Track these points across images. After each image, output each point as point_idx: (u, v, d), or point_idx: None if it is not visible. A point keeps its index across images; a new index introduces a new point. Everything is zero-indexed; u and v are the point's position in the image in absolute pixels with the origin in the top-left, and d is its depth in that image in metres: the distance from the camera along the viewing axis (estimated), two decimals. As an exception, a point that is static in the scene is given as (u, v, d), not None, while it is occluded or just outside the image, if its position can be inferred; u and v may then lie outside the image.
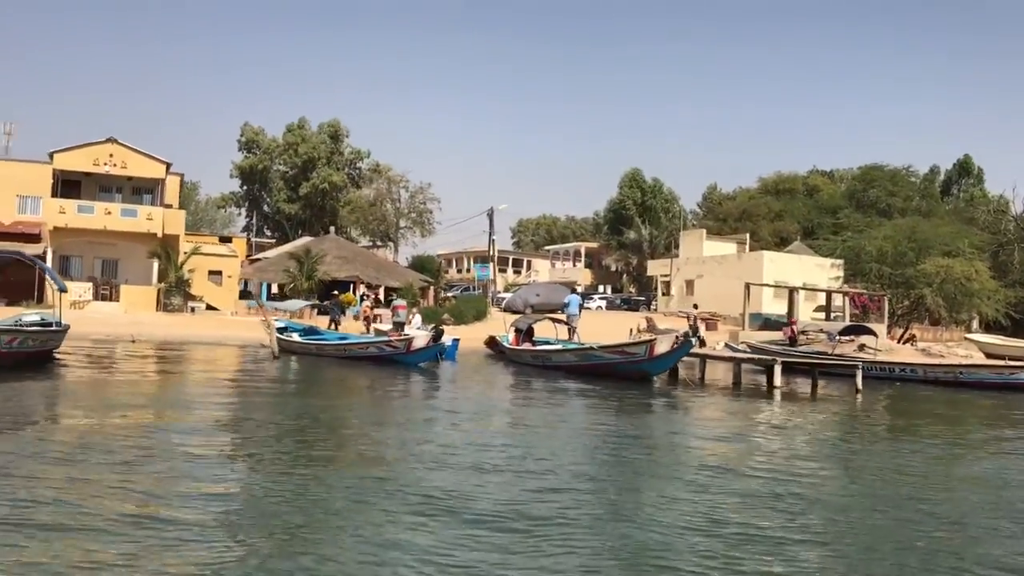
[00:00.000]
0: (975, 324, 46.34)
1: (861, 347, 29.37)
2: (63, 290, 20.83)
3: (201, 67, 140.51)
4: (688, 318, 33.23)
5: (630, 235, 65.12)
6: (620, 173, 70.54)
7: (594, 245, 74.93)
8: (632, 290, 66.64)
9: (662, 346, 18.81)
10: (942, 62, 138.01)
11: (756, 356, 22.18)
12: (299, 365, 21.58)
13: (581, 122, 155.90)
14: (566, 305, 36.53)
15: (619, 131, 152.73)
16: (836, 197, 70.27)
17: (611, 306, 54.66)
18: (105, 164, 38.03)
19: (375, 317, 31.98)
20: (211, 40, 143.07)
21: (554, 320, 26.10)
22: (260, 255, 52.55)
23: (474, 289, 55.83)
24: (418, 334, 22.37)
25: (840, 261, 46.30)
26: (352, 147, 71.97)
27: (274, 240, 65.36)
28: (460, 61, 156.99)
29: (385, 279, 44.43)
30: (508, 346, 25.30)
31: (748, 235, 57.67)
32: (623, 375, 19.37)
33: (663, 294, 54.29)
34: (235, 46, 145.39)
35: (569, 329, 27.98)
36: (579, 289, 60.08)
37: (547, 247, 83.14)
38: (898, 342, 38.62)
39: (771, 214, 66.81)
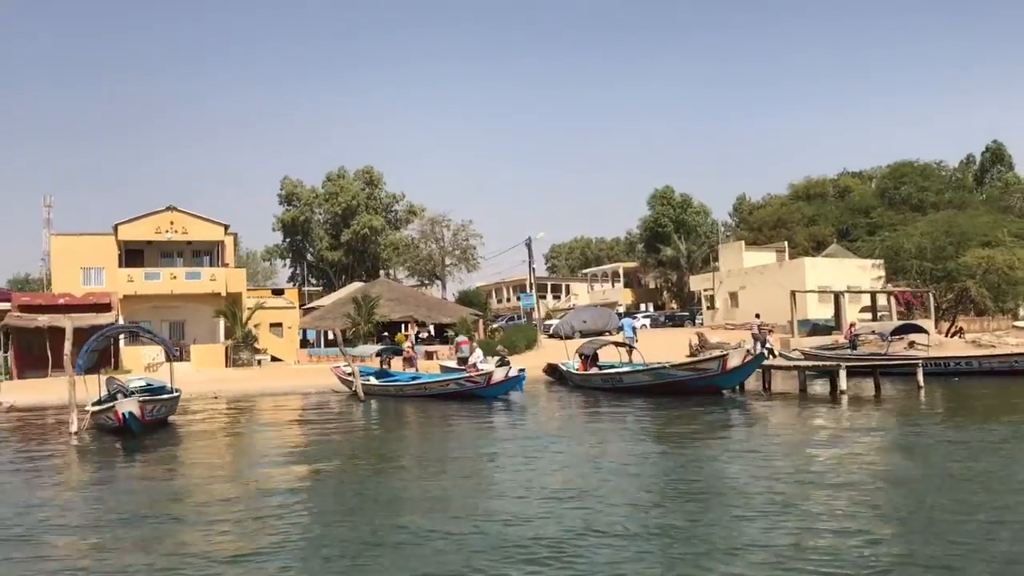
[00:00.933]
0: (1022, 312, 47.04)
1: (911, 344, 30.46)
2: (175, 358, 22.22)
3: (225, 124, 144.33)
4: (753, 328, 34.36)
5: (667, 252, 66.35)
6: (646, 191, 72.04)
7: (631, 264, 76.18)
8: (674, 306, 67.78)
9: (734, 360, 20.15)
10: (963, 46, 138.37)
11: (820, 363, 23.29)
12: (386, 406, 23.04)
13: (602, 142, 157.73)
14: (620, 329, 37.92)
15: (642, 148, 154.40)
16: (868, 197, 71.14)
17: (655, 324, 55.75)
18: (167, 231, 40.16)
19: (412, 357, 33.50)
20: (233, 99, 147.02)
21: (617, 344, 27.39)
22: (313, 304, 54.43)
23: (519, 318, 57.25)
24: (497, 368, 23.77)
25: (880, 261, 47.24)
26: (387, 191, 74.12)
27: (320, 288, 67.42)
28: (472, 92, 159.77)
29: (437, 316, 46.01)
30: (576, 371, 26.62)
31: (786, 243, 58.72)
32: (696, 391, 20.68)
33: (708, 308, 55.38)
34: (263, 103, 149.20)
35: (628, 351, 29.28)
36: (620, 309, 61.47)
37: (584, 270, 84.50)
38: (947, 336, 39.49)
39: (804, 219, 67.84)
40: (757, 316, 35.90)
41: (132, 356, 36.46)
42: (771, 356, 25.55)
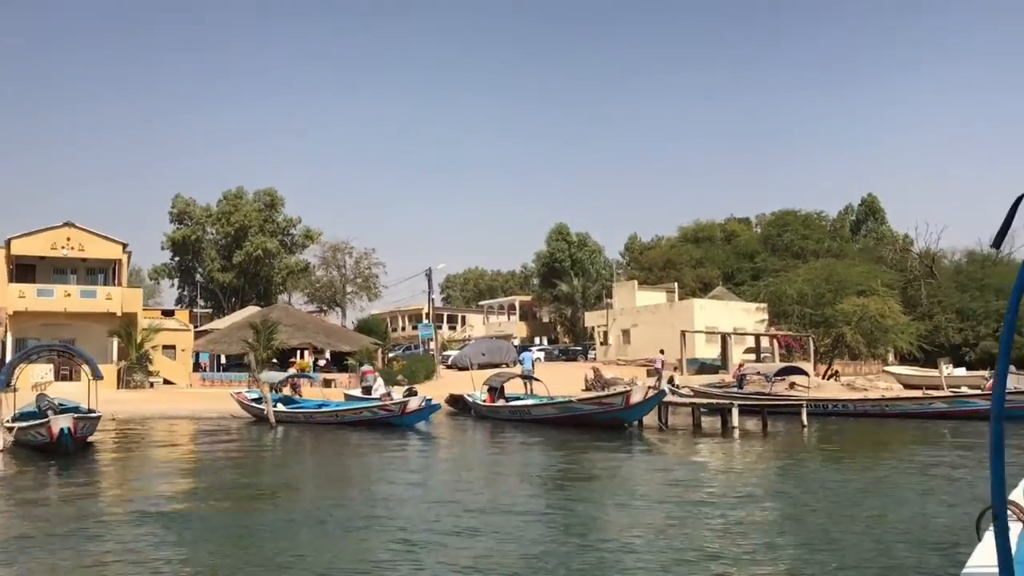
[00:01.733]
0: (891, 357, 50.99)
1: (792, 385, 32.91)
2: (99, 377, 22.04)
3: (116, 133, 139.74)
4: (657, 363, 36.43)
5: (563, 287, 68.34)
6: (540, 225, 74.06)
7: (527, 298, 77.96)
8: (567, 340, 69.74)
9: (637, 396, 21.69)
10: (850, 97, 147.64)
11: (714, 401, 25.14)
12: (300, 433, 23.55)
13: (498, 176, 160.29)
14: (519, 362, 39.33)
15: (537, 184, 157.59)
16: (752, 242, 75.32)
17: (549, 357, 57.35)
18: (63, 248, 39.29)
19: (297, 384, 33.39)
20: (134, 109, 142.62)
21: (523, 377, 28.65)
22: (205, 327, 53.76)
23: (416, 348, 57.99)
24: (411, 398, 24.65)
25: (764, 305, 50.50)
26: (285, 215, 73.83)
27: (210, 310, 66.42)
28: (366, 120, 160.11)
29: (337, 344, 46.34)
30: (483, 403, 27.71)
31: (676, 284, 61.64)
32: (600, 424, 22.10)
33: (601, 343, 57.48)
34: (161, 117, 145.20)
35: (529, 383, 30.58)
36: (515, 342, 62.96)
37: (480, 302, 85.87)
38: (824, 378, 42.51)
39: (693, 261, 71.22)
40: (662, 352, 37.97)
41: (21, 375, 35.41)
42: (675, 390, 27.42)
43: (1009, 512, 3.04)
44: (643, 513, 10.60)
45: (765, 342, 48.30)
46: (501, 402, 27.13)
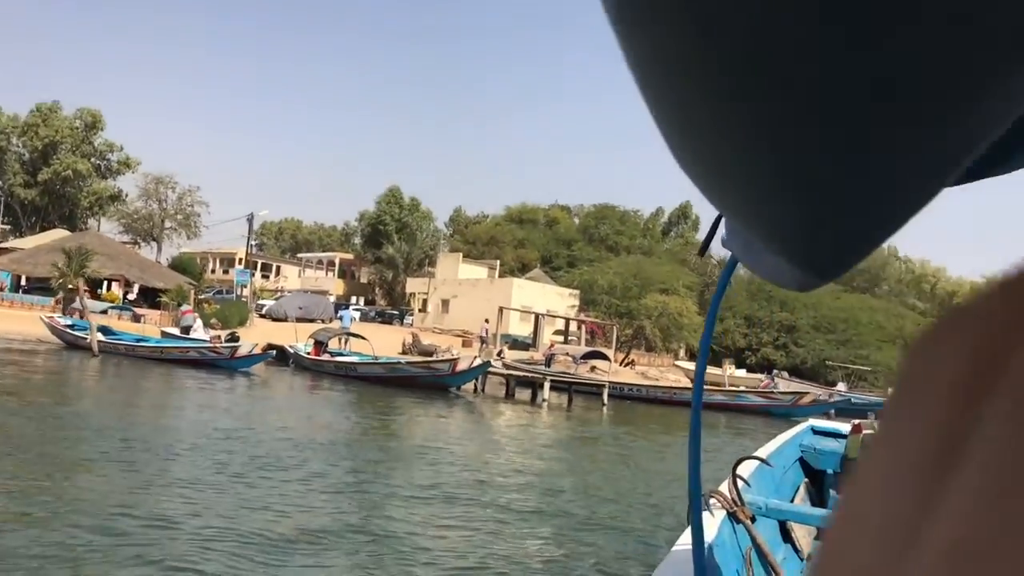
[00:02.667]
0: (682, 352, 55.92)
1: (593, 368, 36.05)
2: None
3: None
4: (483, 332, 38.72)
5: (388, 250, 69.25)
6: (367, 183, 74.35)
7: (349, 256, 78.22)
8: (383, 303, 70.84)
9: (463, 363, 23.64)
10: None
11: (529, 374, 27.49)
12: (132, 367, 23.68)
13: (326, 127, 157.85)
14: (339, 319, 40.44)
15: (376, 139, 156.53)
16: (572, 231, 79.39)
17: (364, 318, 58.28)
18: None
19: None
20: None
21: (351, 334, 29.86)
22: (3, 244, 50.92)
23: (228, 293, 57.25)
24: (244, 343, 25.38)
25: (576, 291, 54.09)
26: (105, 139, 70.30)
27: (7, 227, 62.39)
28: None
29: (150, 279, 45.49)
30: (308, 355, 28.72)
31: (498, 261, 64.31)
32: (425, 386, 23.89)
33: (420, 310, 59.18)
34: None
35: (342, 340, 31.66)
36: (331, 299, 63.42)
37: (299, 254, 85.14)
38: (621, 365, 46.30)
39: (515, 241, 74.25)
40: (487, 322, 40.30)
41: None
42: (500, 360, 29.82)
43: (714, 500, 3.39)
44: (441, 466, 11.69)
45: (573, 326, 51.79)
46: (326, 356, 28.28)
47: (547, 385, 24.88)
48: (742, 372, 48.11)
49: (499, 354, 32.38)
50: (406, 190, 73.80)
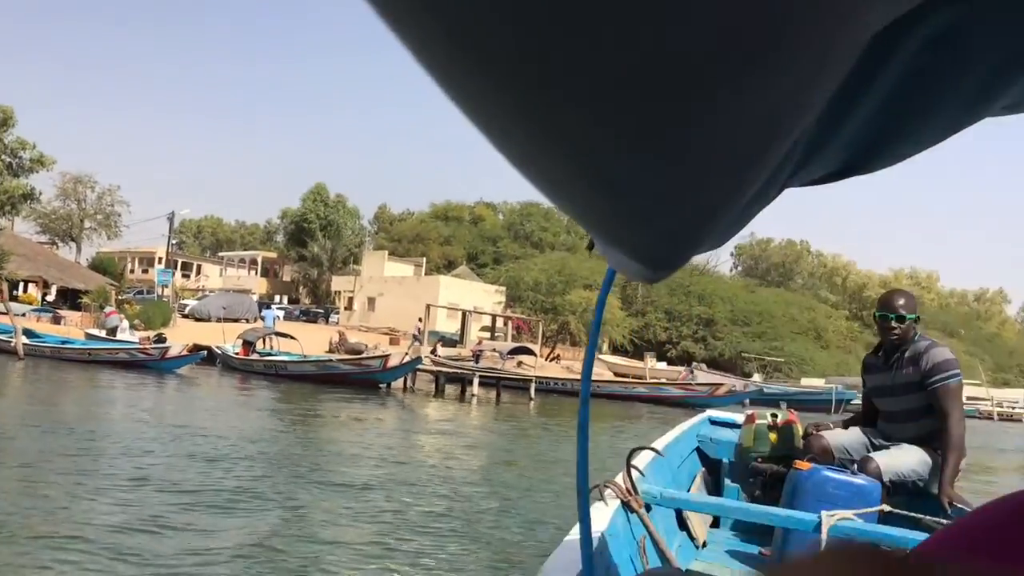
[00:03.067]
0: (606, 347, 57.43)
1: (519, 363, 37.09)
2: None
3: None
4: (415, 331, 39.53)
5: (312, 248, 69.10)
6: (290, 181, 73.92)
7: (272, 255, 77.74)
8: (307, 301, 70.69)
9: (395, 359, 24.33)
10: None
11: (458, 371, 28.31)
12: (53, 371, 23.74)
13: (249, 123, 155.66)
14: (262, 318, 40.66)
15: (297, 136, 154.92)
16: (497, 228, 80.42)
17: (289, 317, 58.16)
18: None
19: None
20: None
21: (280, 335, 30.21)
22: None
23: (149, 293, 56.58)
24: (174, 344, 25.55)
25: (503, 288, 55.11)
26: (18, 137, 68.21)
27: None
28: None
29: (69, 280, 44.84)
30: (236, 355, 28.97)
31: (424, 259, 64.93)
32: (356, 383, 24.51)
33: (345, 308, 59.40)
34: None
35: (268, 339, 31.94)
36: (254, 298, 63.09)
37: (220, 253, 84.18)
38: (547, 360, 47.50)
39: (440, 239, 74.94)
40: (420, 320, 41.10)
41: None
42: (434, 357, 30.71)
43: (609, 490, 3.42)
44: (363, 460, 12.08)
45: (500, 322, 52.80)
46: (255, 356, 28.61)
47: (476, 381, 25.75)
48: (663, 365, 49.81)
49: (433, 351, 33.20)
50: (330, 186, 73.61)
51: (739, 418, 5.67)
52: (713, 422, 6.10)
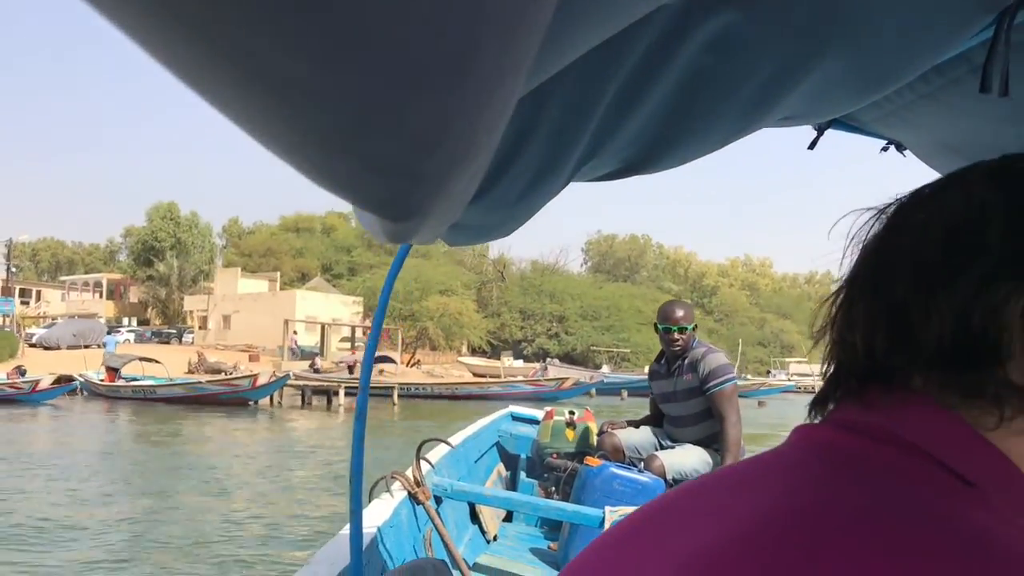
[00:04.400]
0: (465, 349, 60.26)
1: (381, 371, 39.26)
2: None
3: None
4: (292, 344, 41.23)
5: (160, 268, 68.20)
6: (131, 199, 72.39)
7: (117, 276, 76.19)
8: (157, 322, 69.87)
9: (263, 378, 26.16)
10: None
11: (323, 383, 30.31)
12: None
13: (94, 137, 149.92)
14: (104, 345, 41.32)
15: (140, 150, 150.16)
16: (351, 237, 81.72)
17: (140, 339, 57.56)
18: None
19: None
20: None
21: (145, 359, 31.26)
22: None
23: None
24: (44, 376, 26.40)
25: (360, 298, 56.98)
26: None
27: None
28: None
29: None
30: (102, 382, 29.86)
31: (279, 274, 65.76)
32: (226, 402, 26.16)
33: (200, 328, 59.67)
34: None
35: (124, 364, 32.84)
36: (101, 321, 62.08)
37: (62, 277, 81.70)
38: (407, 366, 49.76)
39: (293, 251, 75.67)
40: (295, 333, 42.73)
41: None
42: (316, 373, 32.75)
43: (397, 481, 3.50)
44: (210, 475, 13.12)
45: (360, 332, 54.67)
46: (121, 382, 29.67)
47: (342, 392, 27.90)
48: (520, 363, 53.00)
49: (312, 366, 35.13)
50: (170, 197, 72.39)
51: (539, 414, 5.79)
52: (515, 418, 6.34)
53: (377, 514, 3.17)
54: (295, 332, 43.66)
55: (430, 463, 3.91)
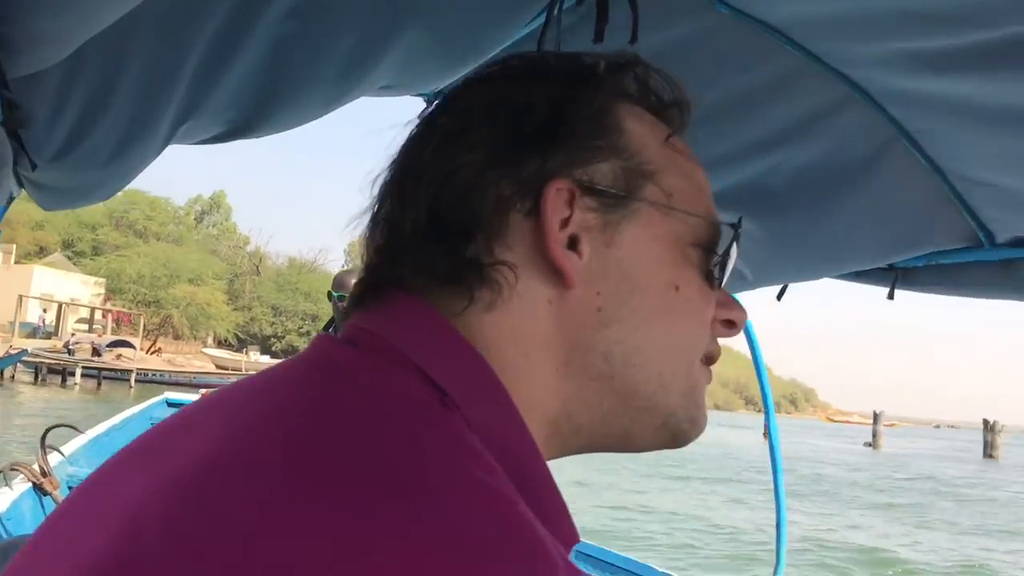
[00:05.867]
0: (210, 340, 60.52)
1: (119, 356, 39.71)
2: None
3: None
4: (40, 321, 40.34)
5: None
6: None
7: None
8: None
9: (-2, 352, 26.67)
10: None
11: (61, 362, 30.87)
12: None
13: None
14: None
15: None
16: (98, 214, 78.78)
17: None
18: None
19: None
20: None
21: None
22: None
23: None
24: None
25: (103, 279, 55.91)
26: None
27: None
28: None
29: None
30: None
31: (14, 246, 62.80)
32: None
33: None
34: None
35: None
36: None
37: None
38: (147, 352, 49.74)
39: (31, 222, 72.10)
40: (44, 311, 41.75)
41: None
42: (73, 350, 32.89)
43: (21, 475, 3.35)
44: None
45: (99, 315, 53.71)
46: None
47: (79, 372, 28.82)
48: (266, 358, 54.08)
49: (67, 344, 35.35)
50: None
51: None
52: (170, 404, 6.23)
53: None
54: (44, 310, 42.79)
55: (61, 453, 3.87)
